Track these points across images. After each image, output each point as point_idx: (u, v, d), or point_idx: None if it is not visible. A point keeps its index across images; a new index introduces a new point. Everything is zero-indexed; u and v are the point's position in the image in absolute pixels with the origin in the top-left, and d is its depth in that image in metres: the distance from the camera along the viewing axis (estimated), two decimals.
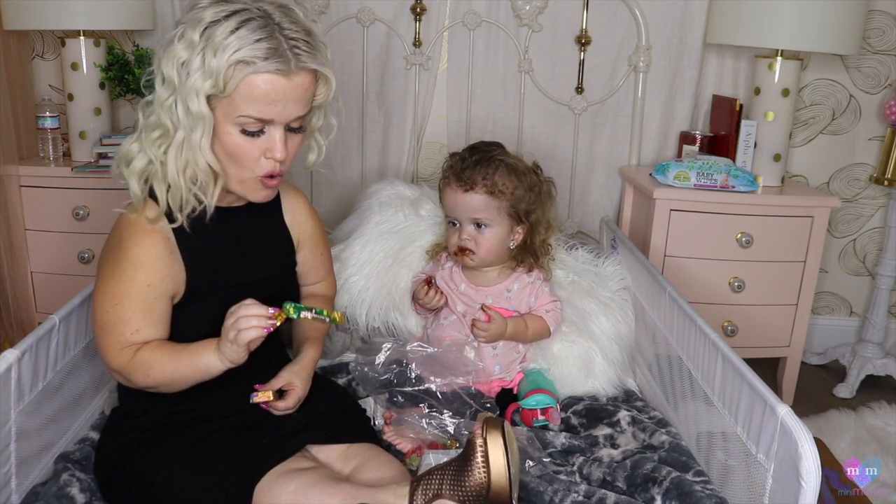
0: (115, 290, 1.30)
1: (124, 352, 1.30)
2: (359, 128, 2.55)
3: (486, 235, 1.73)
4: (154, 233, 1.32)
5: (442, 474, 1.24)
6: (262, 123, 1.26)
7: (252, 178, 1.32)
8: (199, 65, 1.21)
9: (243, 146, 1.27)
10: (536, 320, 1.77)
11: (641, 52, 2.46)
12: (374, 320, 1.98)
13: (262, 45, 1.21)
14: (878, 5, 2.53)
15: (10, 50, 2.34)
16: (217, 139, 1.27)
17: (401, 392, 1.64)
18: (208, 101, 1.23)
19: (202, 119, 1.23)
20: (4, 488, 1.31)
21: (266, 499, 1.27)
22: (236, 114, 1.24)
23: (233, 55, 1.20)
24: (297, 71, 1.24)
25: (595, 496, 1.39)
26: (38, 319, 2.39)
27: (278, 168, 1.31)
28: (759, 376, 1.32)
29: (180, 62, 1.22)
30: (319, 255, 1.61)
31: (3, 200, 2.28)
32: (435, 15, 2.45)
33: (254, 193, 1.35)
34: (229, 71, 1.21)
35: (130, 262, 1.30)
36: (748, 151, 2.37)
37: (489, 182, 1.68)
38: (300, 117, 1.30)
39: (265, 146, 1.28)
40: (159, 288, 1.31)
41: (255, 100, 1.23)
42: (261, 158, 1.29)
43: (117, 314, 1.30)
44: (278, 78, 1.23)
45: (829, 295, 2.84)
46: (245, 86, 1.22)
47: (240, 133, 1.27)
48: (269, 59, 1.21)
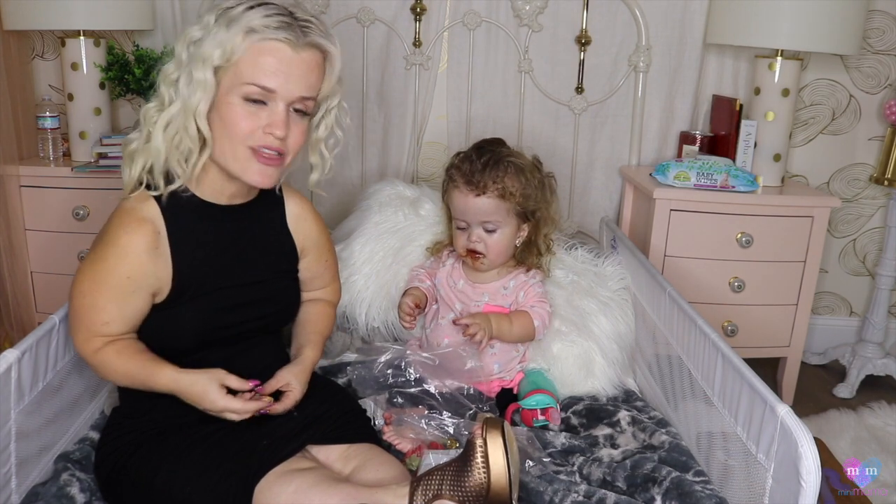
0: (95, 276, 1.31)
1: (91, 342, 1.33)
2: (359, 128, 2.54)
3: (496, 238, 1.73)
4: (145, 223, 1.32)
5: (442, 474, 1.24)
6: (265, 93, 1.28)
7: (244, 151, 1.31)
8: (211, 39, 1.26)
9: (242, 116, 1.29)
10: (521, 315, 1.75)
11: (641, 52, 2.46)
12: (374, 320, 1.99)
13: (275, 19, 1.27)
14: (878, 5, 2.53)
15: (10, 50, 2.34)
16: (216, 112, 1.30)
17: (400, 393, 1.64)
18: (215, 73, 1.27)
19: (203, 85, 1.27)
20: (4, 488, 1.31)
21: (266, 499, 1.26)
22: (241, 81, 1.28)
23: (243, 24, 1.25)
24: (305, 47, 1.29)
25: (595, 496, 1.39)
26: (38, 319, 2.39)
27: (276, 145, 1.31)
28: (759, 376, 1.32)
29: (192, 40, 1.28)
30: (324, 262, 1.61)
31: (3, 200, 2.28)
32: (435, 15, 2.45)
33: (248, 171, 1.33)
34: (238, 39, 1.25)
35: (116, 250, 1.31)
36: (748, 151, 2.37)
37: (500, 186, 1.68)
38: (304, 99, 1.31)
39: (267, 121, 1.30)
40: (139, 282, 1.32)
41: (260, 67, 1.27)
42: (258, 131, 1.30)
43: (92, 301, 1.31)
44: (285, 47, 1.27)
45: (829, 295, 2.84)
46: (252, 52, 1.27)
47: (242, 102, 1.29)
48: (279, 29, 1.27)
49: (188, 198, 1.38)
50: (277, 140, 1.30)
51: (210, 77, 1.27)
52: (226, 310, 1.39)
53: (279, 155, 1.33)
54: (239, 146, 1.31)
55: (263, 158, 1.32)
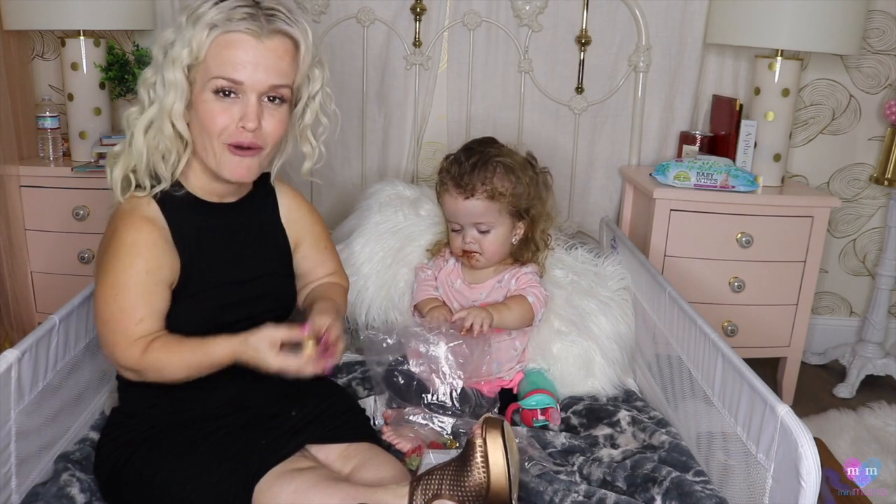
0: (115, 280, 1.30)
1: (133, 348, 1.30)
2: (359, 128, 2.55)
3: (490, 237, 1.73)
4: (149, 221, 1.33)
5: (441, 474, 1.24)
6: (233, 84, 1.29)
7: (220, 147, 1.32)
8: (180, 39, 1.28)
9: (216, 112, 1.30)
10: (515, 298, 1.74)
11: (641, 52, 2.46)
12: (374, 320, 1.98)
13: (238, 11, 1.28)
14: (878, 5, 2.52)
15: (10, 50, 2.34)
16: (193, 111, 1.31)
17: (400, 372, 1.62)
18: (189, 73, 1.29)
19: (175, 86, 1.29)
20: (4, 488, 1.31)
21: (266, 499, 1.26)
22: (208, 76, 1.29)
23: (208, 20, 1.27)
24: (270, 35, 1.29)
25: (595, 496, 1.39)
26: (38, 319, 2.39)
27: (249, 138, 1.31)
28: (759, 376, 1.32)
29: (166, 42, 1.30)
30: (324, 249, 1.60)
31: (3, 200, 2.27)
32: (435, 15, 2.45)
33: (226, 167, 1.34)
34: (202, 35, 1.27)
35: (126, 248, 1.30)
36: (748, 151, 2.37)
37: (489, 187, 1.68)
38: (277, 87, 1.31)
39: (240, 114, 1.30)
40: (157, 275, 1.31)
41: (224, 60, 1.28)
42: (232, 126, 1.31)
43: (119, 305, 1.29)
44: (249, 38, 1.28)
45: (829, 295, 2.84)
46: (216, 46, 1.28)
47: (214, 97, 1.30)
48: (242, 20, 1.28)
49: (182, 196, 1.38)
50: (249, 133, 1.31)
51: (181, 77, 1.29)
52: (223, 308, 1.39)
53: (254, 148, 1.33)
54: (215, 142, 1.32)
55: (238, 151, 1.33)
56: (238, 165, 1.34)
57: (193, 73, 1.30)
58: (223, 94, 1.30)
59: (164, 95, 1.30)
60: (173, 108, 1.30)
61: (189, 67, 1.29)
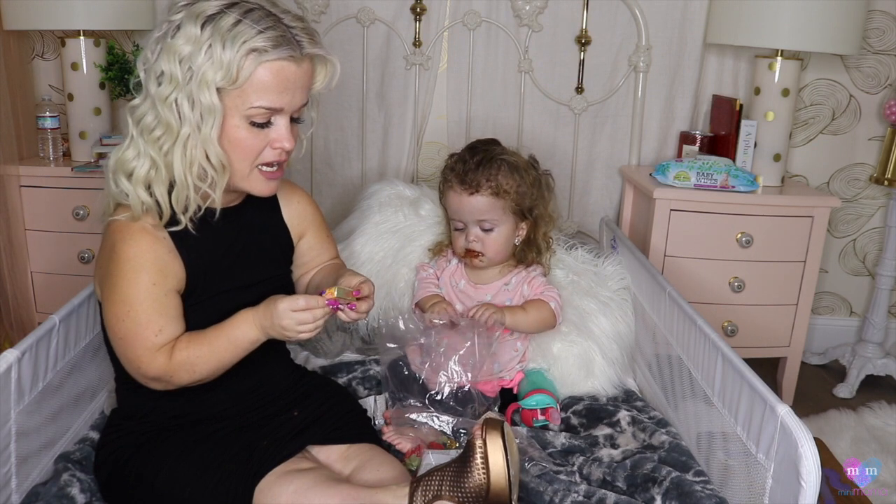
0: (123, 297, 1.27)
1: (157, 357, 1.27)
2: (359, 128, 2.55)
3: (493, 236, 1.73)
4: (147, 232, 1.29)
5: (441, 475, 1.24)
6: (271, 113, 1.26)
7: (255, 171, 1.31)
8: (207, 57, 1.20)
9: (248, 139, 1.27)
10: (534, 302, 1.75)
11: (641, 52, 2.46)
12: (374, 320, 1.98)
13: (270, 33, 1.22)
14: (878, 5, 2.52)
15: (10, 50, 2.34)
16: (223, 132, 1.26)
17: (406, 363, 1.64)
18: (217, 94, 1.22)
19: (213, 111, 1.22)
20: (4, 488, 1.31)
21: (266, 499, 1.27)
22: (247, 105, 1.24)
23: (244, 44, 1.20)
24: (304, 58, 1.26)
25: (595, 496, 1.39)
26: (38, 319, 2.39)
27: (283, 158, 1.31)
28: (759, 376, 1.32)
29: (182, 57, 1.21)
30: (326, 237, 1.60)
31: (3, 200, 2.28)
32: (435, 15, 2.45)
33: (258, 187, 1.33)
34: (242, 61, 1.20)
35: (129, 264, 1.27)
36: (748, 151, 2.37)
37: (493, 183, 1.68)
38: (302, 106, 1.31)
39: (270, 137, 1.28)
40: (165, 285, 1.29)
41: (267, 89, 1.23)
42: (265, 149, 1.29)
43: (133, 320, 1.26)
44: (290, 65, 1.24)
45: (829, 295, 2.84)
46: (258, 75, 1.22)
47: (248, 125, 1.26)
48: (280, 46, 1.22)
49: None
50: (285, 153, 1.31)
51: (217, 101, 1.22)
52: (231, 312, 1.37)
53: (281, 163, 1.33)
54: (247, 166, 1.30)
55: (269, 174, 1.32)
56: (268, 185, 1.34)
57: (222, 94, 1.23)
58: (258, 126, 1.26)
59: (199, 121, 1.22)
60: (211, 135, 1.23)
61: (219, 89, 1.22)
